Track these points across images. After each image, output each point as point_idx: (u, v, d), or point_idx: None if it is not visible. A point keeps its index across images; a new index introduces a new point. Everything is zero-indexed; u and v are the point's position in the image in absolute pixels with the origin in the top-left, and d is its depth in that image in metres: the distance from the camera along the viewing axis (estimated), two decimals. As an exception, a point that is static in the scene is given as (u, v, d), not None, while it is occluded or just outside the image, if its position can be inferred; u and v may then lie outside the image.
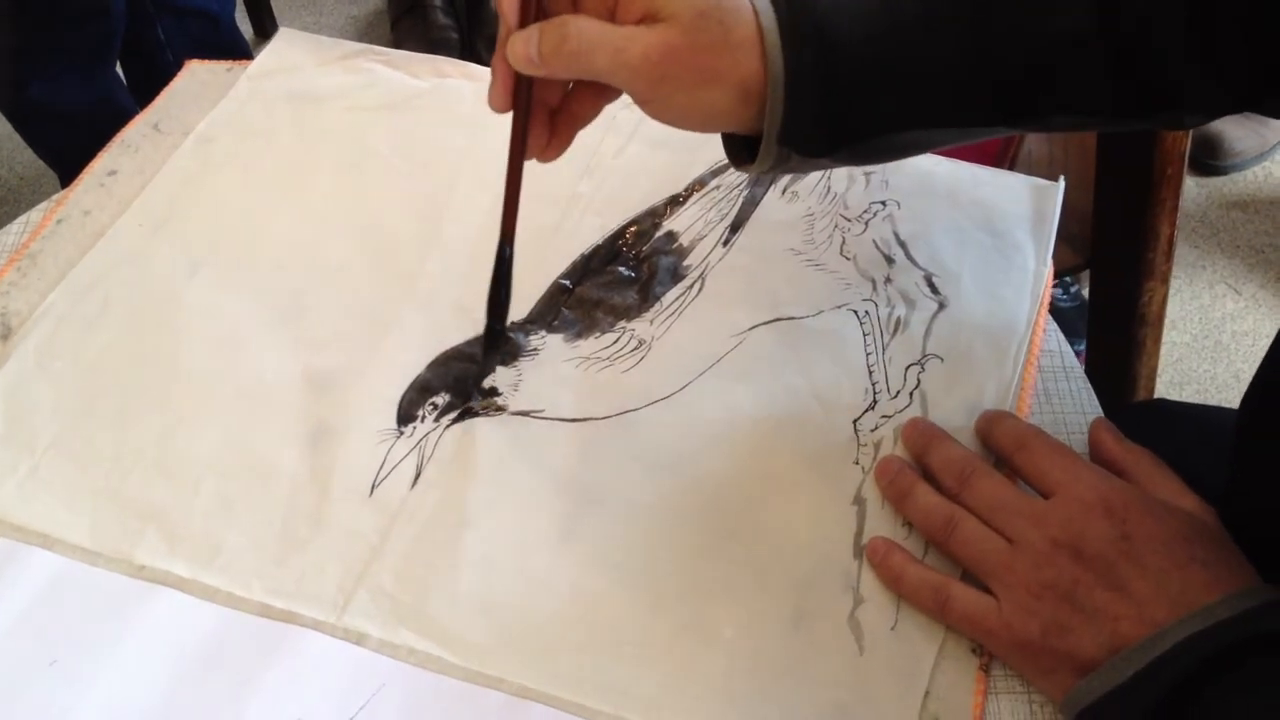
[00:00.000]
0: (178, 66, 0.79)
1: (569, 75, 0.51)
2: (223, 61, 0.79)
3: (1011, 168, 1.02)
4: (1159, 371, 1.23)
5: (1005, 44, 0.50)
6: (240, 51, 1.61)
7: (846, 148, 0.52)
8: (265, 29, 2.03)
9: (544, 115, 0.54)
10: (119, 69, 1.50)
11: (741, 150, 0.53)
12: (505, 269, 0.56)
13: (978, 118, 0.52)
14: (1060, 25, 0.50)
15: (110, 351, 0.62)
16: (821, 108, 0.50)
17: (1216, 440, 0.55)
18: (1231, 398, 1.50)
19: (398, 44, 1.91)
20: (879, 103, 0.50)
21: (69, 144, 1.45)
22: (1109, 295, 1.03)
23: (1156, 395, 1.25)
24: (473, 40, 1.94)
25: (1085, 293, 1.48)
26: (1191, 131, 0.89)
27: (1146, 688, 0.44)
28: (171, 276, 0.66)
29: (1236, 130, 1.69)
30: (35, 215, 0.70)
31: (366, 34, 2.09)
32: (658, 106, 0.51)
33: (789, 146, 0.50)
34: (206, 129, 0.74)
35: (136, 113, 0.75)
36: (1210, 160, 1.70)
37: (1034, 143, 1.07)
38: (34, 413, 0.60)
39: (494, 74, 0.51)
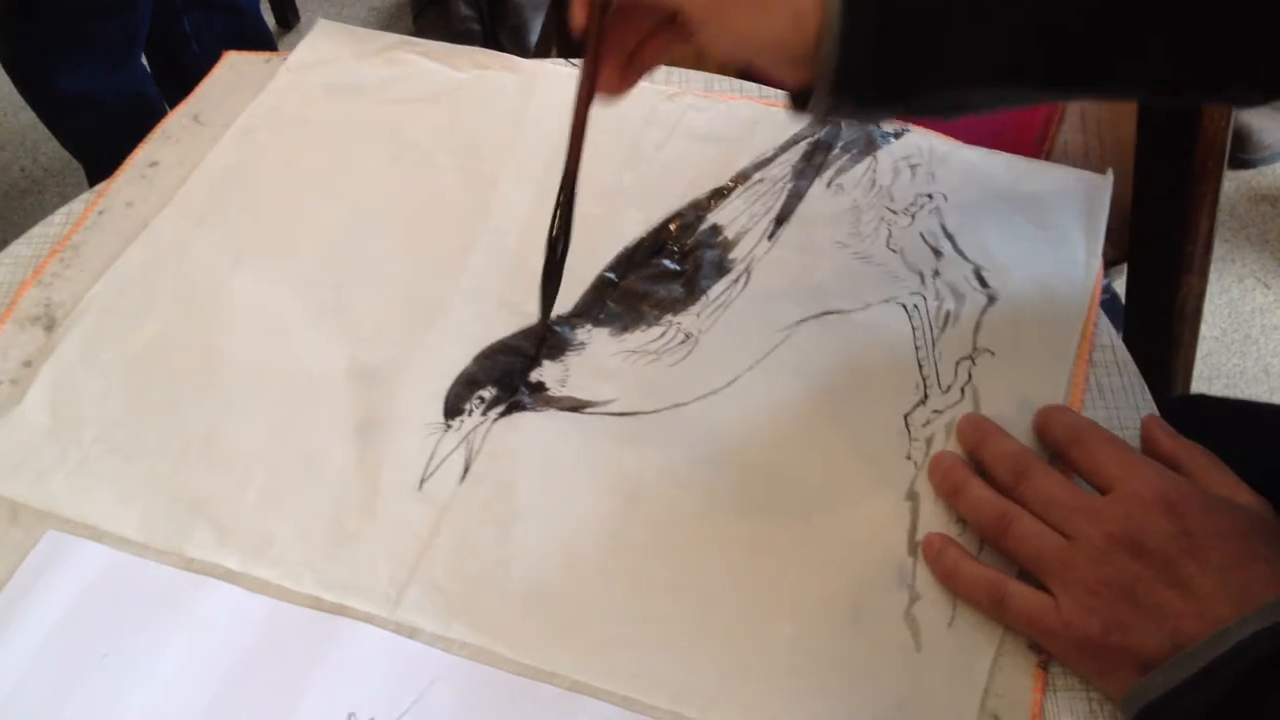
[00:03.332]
0: (204, 58, 0.79)
1: None
2: (260, 53, 0.79)
3: (1047, 158, 1.01)
4: (1189, 366, 1.22)
5: None
6: (266, 44, 1.61)
7: (901, 99, 0.51)
8: (288, 20, 2.04)
9: (616, 58, 0.54)
10: (144, 60, 1.50)
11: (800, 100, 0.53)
12: (559, 248, 0.58)
13: (1034, 74, 0.51)
14: None
15: (156, 343, 0.62)
16: (876, 54, 0.49)
17: (1259, 435, 0.55)
18: (1261, 392, 1.49)
19: (420, 36, 1.90)
20: (935, 50, 0.50)
21: (94, 135, 1.45)
22: (1146, 289, 1.02)
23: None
24: (495, 32, 1.93)
25: (1116, 286, 1.47)
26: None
27: (1209, 686, 0.44)
28: (215, 268, 0.66)
29: (1266, 123, 1.67)
30: (77, 206, 0.70)
31: (389, 26, 2.09)
32: (715, 30, 0.51)
33: (845, 94, 0.50)
34: (247, 120, 0.74)
35: (162, 104, 0.75)
36: (1239, 153, 1.69)
37: (1070, 132, 1.06)
38: (81, 405, 0.60)
39: (573, 3, 0.52)
